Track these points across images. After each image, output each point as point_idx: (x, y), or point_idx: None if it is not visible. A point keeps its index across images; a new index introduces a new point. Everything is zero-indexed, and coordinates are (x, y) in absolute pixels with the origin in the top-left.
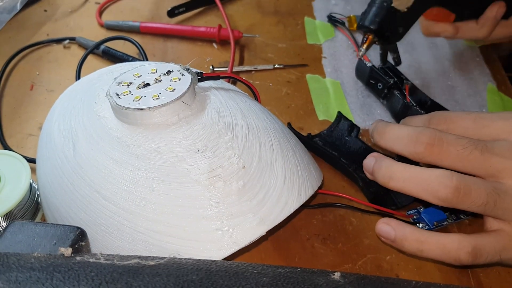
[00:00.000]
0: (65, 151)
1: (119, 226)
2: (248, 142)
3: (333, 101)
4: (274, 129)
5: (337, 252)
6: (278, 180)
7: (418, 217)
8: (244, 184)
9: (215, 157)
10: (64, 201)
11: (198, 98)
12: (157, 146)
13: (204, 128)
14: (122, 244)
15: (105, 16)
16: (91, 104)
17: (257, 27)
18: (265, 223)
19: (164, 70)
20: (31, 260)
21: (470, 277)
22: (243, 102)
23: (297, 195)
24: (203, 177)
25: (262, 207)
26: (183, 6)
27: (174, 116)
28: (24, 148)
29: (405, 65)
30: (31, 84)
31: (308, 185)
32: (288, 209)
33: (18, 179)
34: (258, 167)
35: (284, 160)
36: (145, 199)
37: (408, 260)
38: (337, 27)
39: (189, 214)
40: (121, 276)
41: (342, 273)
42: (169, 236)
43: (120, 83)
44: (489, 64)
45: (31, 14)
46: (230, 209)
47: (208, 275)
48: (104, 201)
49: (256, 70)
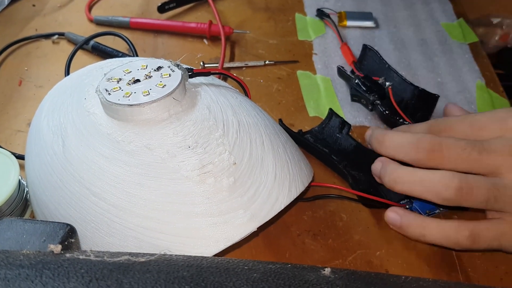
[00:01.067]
0: (54, 147)
1: (109, 222)
2: (238, 138)
3: (323, 97)
4: (265, 126)
5: (328, 248)
6: (269, 176)
7: (410, 207)
8: (235, 180)
9: (205, 154)
10: (53, 197)
11: (189, 94)
12: (147, 142)
13: (194, 124)
14: (112, 240)
15: (94, 11)
16: (80, 100)
17: (248, 23)
18: (256, 219)
19: (154, 66)
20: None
21: (459, 272)
22: (233, 98)
23: (287, 191)
24: (193, 174)
25: (253, 203)
26: (173, 2)
27: (165, 112)
28: (12, 145)
29: (395, 61)
30: (19, 80)
31: (299, 181)
32: (279, 205)
33: (7, 176)
34: (248, 164)
35: (275, 157)
36: (135, 196)
37: (397, 255)
38: (324, 21)
39: (180, 211)
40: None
41: (332, 268)
42: (159, 232)
43: (110, 79)
44: (478, 61)
45: (19, 8)
46: (220, 205)
47: (199, 272)
48: (94, 197)
49: (247, 66)
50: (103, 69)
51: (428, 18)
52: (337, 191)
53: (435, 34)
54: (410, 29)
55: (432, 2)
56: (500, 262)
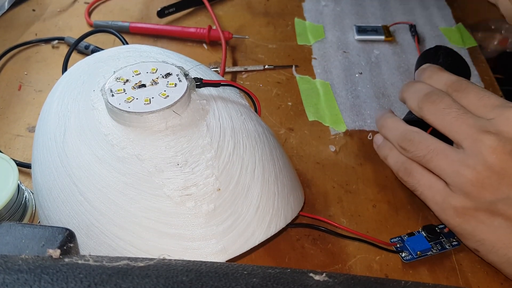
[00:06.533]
0: (56, 134)
1: (89, 224)
2: (230, 163)
3: (323, 102)
4: (262, 150)
5: (327, 253)
6: (250, 208)
7: (401, 246)
8: (215, 208)
9: (192, 174)
10: (47, 183)
11: (192, 107)
12: (139, 152)
13: (189, 141)
14: (89, 243)
15: (94, 16)
16: (89, 91)
17: (247, 28)
18: (226, 252)
19: (163, 72)
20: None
21: (459, 277)
22: (237, 116)
23: (266, 227)
24: (176, 194)
25: (227, 235)
26: (173, 7)
27: (162, 124)
28: (11, 149)
29: (394, 66)
30: (19, 84)
31: (281, 216)
32: (253, 241)
33: (6, 180)
34: (233, 192)
35: (263, 187)
36: (116, 204)
37: (397, 260)
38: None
39: (154, 229)
40: (110, 277)
41: (332, 273)
42: (131, 246)
43: (118, 79)
44: (477, 66)
45: (19, 13)
46: (195, 231)
47: (198, 276)
48: (80, 196)
49: (246, 71)
50: (120, 59)
51: (427, 22)
52: (324, 224)
53: (434, 38)
54: (409, 33)
55: (431, 6)
56: None
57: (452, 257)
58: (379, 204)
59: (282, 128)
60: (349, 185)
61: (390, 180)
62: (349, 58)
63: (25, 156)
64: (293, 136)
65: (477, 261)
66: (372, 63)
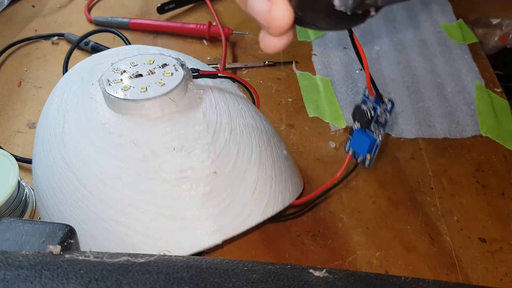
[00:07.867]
0: (56, 127)
1: (86, 210)
2: (226, 147)
3: (323, 98)
4: (259, 137)
5: (327, 249)
6: (247, 191)
7: (355, 154)
8: (211, 189)
9: (188, 158)
10: (45, 175)
11: (189, 96)
12: (135, 138)
13: (185, 127)
14: (86, 228)
15: (94, 12)
16: (88, 85)
17: (247, 24)
18: (222, 232)
19: (160, 63)
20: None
21: (459, 273)
22: (235, 105)
23: (263, 208)
24: (172, 176)
25: (223, 216)
26: (172, 3)
27: (159, 111)
28: (12, 145)
29: (395, 62)
30: (19, 81)
31: (279, 199)
32: (250, 222)
33: (6, 177)
34: (230, 175)
35: (260, 171)
36: (113, 189)
37: (397, 256)
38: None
39: (150, 211)
40: (111, 273)
41: (332, 269)
42: (128, 228)
43: (115, 70)
44: (478, 62)
45: (19, 9)
46: (190, 212)
47: (199, 272)
48: (77, 183)
49: (246, 67)
50: (119, 56)
51: (428, 19)
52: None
53: (434, 35)
54: (409, 30)
55: (431, 3)
56: (500, 263)
57: (452, 253)
58: (379, 200)
59: (282, 125)
60: (349, 182)
61: (390, 177)
62: (349, 55)
63: (25, 152)
64: (293, 133)
65: (476, 257)
66: (372, 59)
